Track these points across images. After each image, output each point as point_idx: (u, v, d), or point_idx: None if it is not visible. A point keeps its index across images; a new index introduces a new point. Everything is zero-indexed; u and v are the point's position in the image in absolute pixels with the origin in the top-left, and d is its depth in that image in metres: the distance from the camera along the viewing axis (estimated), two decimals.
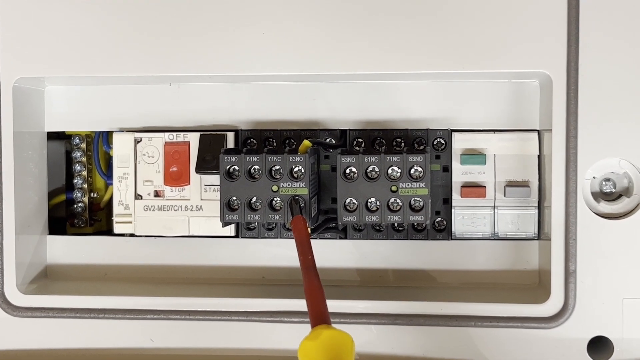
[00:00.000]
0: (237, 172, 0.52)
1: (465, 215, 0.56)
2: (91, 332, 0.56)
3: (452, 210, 0.56)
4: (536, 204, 0.55)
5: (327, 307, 0.43)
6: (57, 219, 0.62)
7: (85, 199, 0.62)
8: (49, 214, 0.61)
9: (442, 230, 0.56)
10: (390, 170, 0.51)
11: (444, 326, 0.53)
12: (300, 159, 0.51)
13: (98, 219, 0.63)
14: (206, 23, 0.53)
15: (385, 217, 0.51)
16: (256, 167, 0.52)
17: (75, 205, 0.62)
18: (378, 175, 0.51)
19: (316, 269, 0.45)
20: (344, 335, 0.40)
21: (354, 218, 0.51)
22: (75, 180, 0.62)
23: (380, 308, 0.53)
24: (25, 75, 0.55)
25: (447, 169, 0.56)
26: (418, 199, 0.51)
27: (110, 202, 0.60)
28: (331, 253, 0.57)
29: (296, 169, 0.52)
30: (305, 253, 0.46)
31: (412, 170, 0.51)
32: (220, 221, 0.52)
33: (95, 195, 0.62)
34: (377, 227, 0.57)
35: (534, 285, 0.55)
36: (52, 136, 0.61)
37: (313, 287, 0.44)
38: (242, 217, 0.52)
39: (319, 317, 0.42)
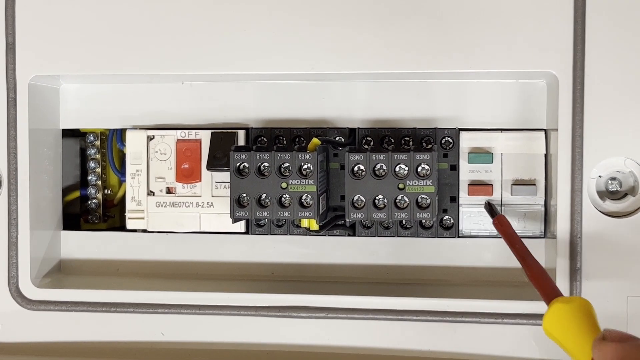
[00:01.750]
0: (247, 169, 0.53)
1: (472, 214, 0.56)
2: (103, 325, 0.57)
3: (459, 208, 0.56)
4: (543, 203, 0.55)
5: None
6: (71, 215, 0.63)
7: (99, 196, 0.63)
8: (63, 210, 0.62)
9: (449, 228, 0.57)
10: (397, 168, 0.52)
11: (450, 322, 0.53)
12: (309, 156, 0.52)
13: (112, 215, 0.64)
14: (218, 23, 0.54)
15: (393, 215, 0.52)
16: (266, 164, 0.53)
17: (89, 202, 0.63)
18: (385, 173, 0.52)
19: (530, 253, 0.48)
20: (587, 300, 0.43)
21: (362, 215, 0.52)
22: (89, 177, 0.63)
23: (387, 304, 0.54)
24: (41, 73, 0.56)
25: (454, 168, 0.56)
26: (425, 196, 0.52)
27: (123, 198, 0.61)
28: (340, 250, 0.58)
29: (305, 166, 0.52)
30: (516, 243, 0.49)
31: (419, 168, 0.52)
32: (230, 217, 0.53)
33: (109, 192, 0.63)
34: (385, 225, 0.57)
35: None
36: (67, 134, 0.62)
37: (536, 269, 0.47)
38: (252, 213, 0.53)
39: (552, 292, 0.45)
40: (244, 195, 0.53)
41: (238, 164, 0.53)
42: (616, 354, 0.37)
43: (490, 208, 0.54)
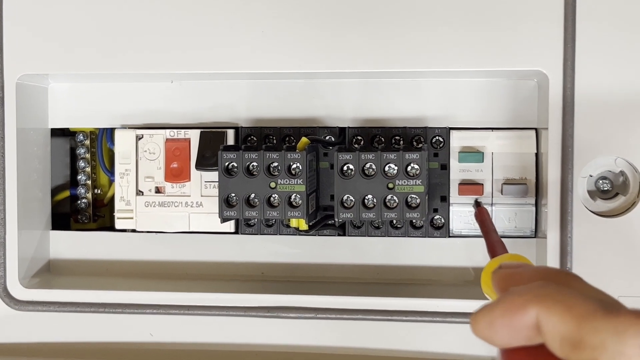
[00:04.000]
0: (235, 169, 0.52)
1: (463, 213, 0.56)
2: (92, 326, 0.56)
3: (450, 207, 0.56)
4: (533, 202, 0.55)
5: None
6: (61, 214, 0.63)
7: (89, 195, 0.63)
8: (53, 210, 0.62)
9: (440, 227, 0.57)
10: (387, 168, 0.51)
11: (440, 322, 0.53)
12: (298, 156, 0.52)
13: (102, 215, 0.63)
14: (207, 22, 0.54)
15: (382, 214, 0.51)
16: (254, 163, 0.52)
17: (79, 201, 0.62)
18: (375, 173, 0.51)
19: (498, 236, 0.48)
20: (521, 255, 0.44)
21: (351, 215, 0.52)
22: (79, 177, 0.62)
23: (376, 304, 0.54)
24: (29, 72, 0.56)
25: (445, 167, 0.56)
26: (414, 196, 0.51)
27: (113, 198, 0.61)
28: (330, 250, 0.58)
29: (294, 165, 0.52)
30: (488, 230, 0.50)
31: (409, 168, 0.51)
32: (219, 217, 0.53)
33: (99, 191, 0.63)
34: (376, 225, 0.57)
35: None
36: (57, 133, 0.62)
37: (493, 238, 0.48)
38: (241, 213, 0.52)
39: (498, 250, 0.46)
40: (233, 195, 0.52)
41: (227, 164, 0.53)
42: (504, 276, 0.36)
43: (477, 204, 0.54)
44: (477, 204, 0.54)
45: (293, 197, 0.52)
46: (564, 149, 0.51)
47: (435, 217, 0.57)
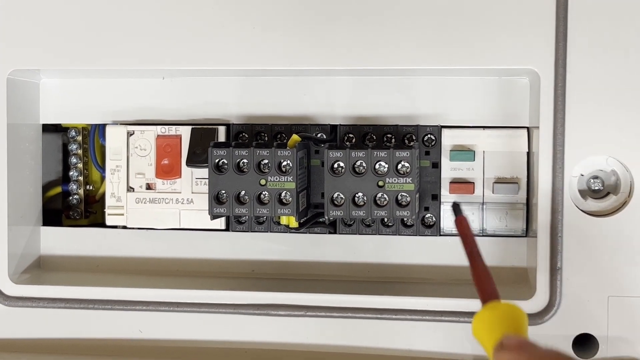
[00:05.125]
0: (225, 166, 0.52)
1: None
2: (81, 322, 0.56)
3: (441, 206, 0.56)
4: (524, 201, 0.55)
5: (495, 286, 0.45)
6: (53, 210, 0.63)
7: (81, 191, 0.62)
8: (45, 206, 0.61)
9: (430, 226, 0.56)
10: (377, 166, 0.51)
11: (430, 321, 0.53)
12: (289, 153, 0.52)
13: (93, 212, 0.63)
14: (198, 18, 0.54)
15: (372, 212, 0.51)
16: (245, 160, 0.52)
17: (71, 197, 0.62)
18: (365, 171, 0.51)
19: (481, 255, 0.46)
20: (518, 308, 0.41)
21: (341, 212, 0.52)
22: (71, 173, 0.62)
23: (366, 302, 0.53)
24: (20, 67, 0.56)
25: (436, 165, 0.56)
26: (404, 194, 0.51)
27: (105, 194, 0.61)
28: (321, 248, 0.57)
29: (284, 163, 0.52)
30: (469, 243, 0.48)
31: (399, 166, 0.51)
32: (209, 214, 0.53)
33: (91, 187, 0.63)
34: (367, 223, 0.57)
35: (522, 283, 0.55)
36: (50, 129, 0.62)
37: (481, 270, 0.45)
38: (231, 210, 0.52)
39: (490, 295, 0.43)
40: (223, 191, 0.52)
41: (217, 160, 0.52)
42: None
43: (455, 208, 0.53)
44: (456, 210, 0.53)
45: (283, 194, 0.52)
46: (555, 148, 0.51)
47: (427, 216, 0.57)
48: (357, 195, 0.51)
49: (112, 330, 0.56)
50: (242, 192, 0.52)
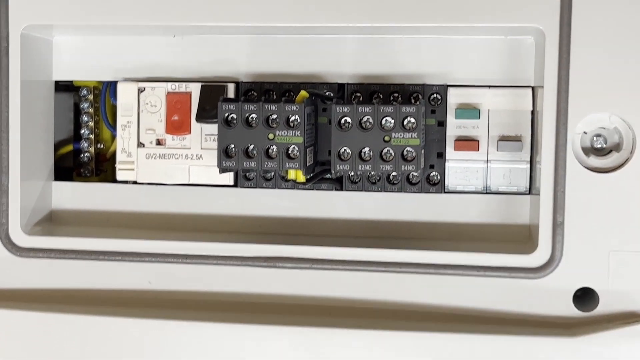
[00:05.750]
0: (234, 120, 0.53)
1: (459, 169, 0.57)
2: (91, 273, 0.57)
3: (446, 164, 0.57)
4: (528, 159, 0.56)
5: None
6: (64, 168, 0.64)
7: (92, 150, 0.63)
8: (56, 164, 0.62)
9: (435, 183, 0.57)
10: (383, 121, 0.52)
11: (433, 274, 0.54)
12: (297, 108, 0.52)
13: (104, 170, 0.64)
14: None
15: (378, 167, 0.52)
16: (253, 115, 0.53)
17: (82, 155, 0.63)
18: (372, 126, 0.52)
19: None
20: None
21: (347, 167, 0.53)
22: (82, 131, 0.63)
23: (371, 256, 0.54)
24: (34, 22, 0.56)
25: (442, 124, 0.57)
26: (410, 149, 0.52)
27: (115, 153, 0.62)
28: (327, 204, 0.58)
29: (292, 118, 0.53)
30: None
31: (405, 122, 0.52)
32: (218, 167, 0.53)
33: (102, 146, 0.64)
34: (372, 180, 0.58)
35: (525, 239, 0.56)
36: (62, 88, 0.63)
37: None
38: (239, 164, 0.53)
39: None
40: (232, 146, 0.53)
41: (226, 115, 0.53)
42: None
43: None
44: None
45: (291, 149, 0.53)
46: (559, 106, 0.52)
47: (432, 174, 0.57)
48: (363, 150, 0.52)
49: (122, 282, 0.57)
50: (251, 147, 0.53)
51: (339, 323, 0.54)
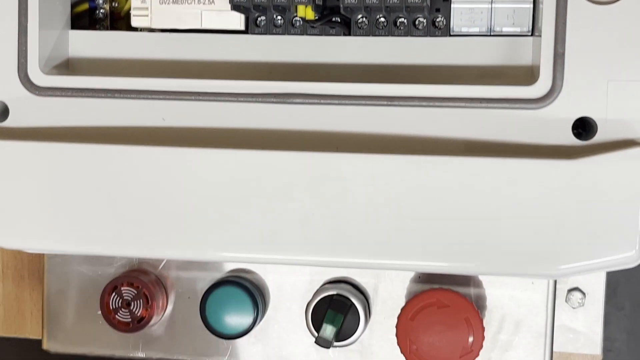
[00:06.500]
0: None
1: (464, 10, 0.58)
2: (107, 111, 0.59)
3: (452, 5, 0.58)
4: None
5: None
6: (80, 26, 0.65)
7: (107, 7, 0.65)
8: (72, 22, 0.64)
9: (441, 28, 0.59)
10: None
11: (437, 107, 0.56)
12: None
13: (119, 28, 0.66)
14: None
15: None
16: None
17: (97, 12, 0.65)
18: None
19: None
20: None
21: (355, 0, 0.54)
22: None
23: (377, 91, 0.56)
24: None
25: None
26: None
27: (129, 12, 0.63)
28: (335, 49, 0.60)
29: None
30: None
31: None
32: (229, 2, 0.55)
33: (116, 5, 0.66)
34: (379, 25, 0.59)
35: (527, 80, 0.57)
36: None
37: None
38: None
39: None
40: None
41: None
42: None
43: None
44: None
45: None
46: None
47: (437, 20, 0.59)
48: None
49: (137, 119, 0.59)
50: None
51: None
